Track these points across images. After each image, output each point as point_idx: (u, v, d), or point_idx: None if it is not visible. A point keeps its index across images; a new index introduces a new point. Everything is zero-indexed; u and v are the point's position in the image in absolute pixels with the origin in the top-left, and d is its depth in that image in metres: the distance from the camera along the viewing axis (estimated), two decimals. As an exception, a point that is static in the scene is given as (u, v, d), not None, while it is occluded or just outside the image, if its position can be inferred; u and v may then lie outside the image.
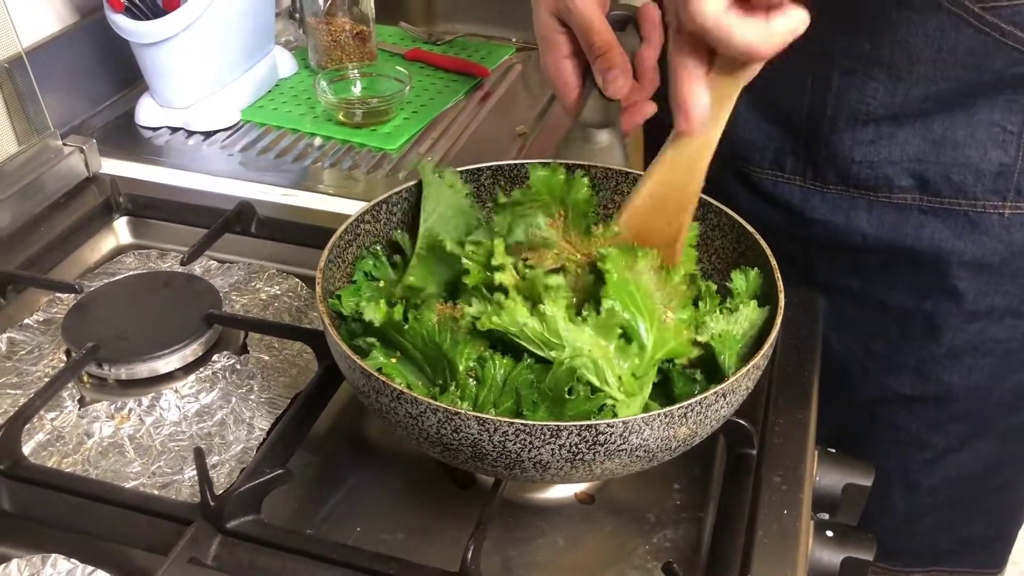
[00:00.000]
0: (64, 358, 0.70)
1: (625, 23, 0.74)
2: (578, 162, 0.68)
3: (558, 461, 0.48)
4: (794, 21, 0.49)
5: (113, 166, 0.95)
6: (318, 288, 0.56)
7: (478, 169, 0.67)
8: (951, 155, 0.74)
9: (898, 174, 0.76)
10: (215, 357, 0.70)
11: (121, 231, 0.87)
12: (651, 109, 0.70)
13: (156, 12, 0.96)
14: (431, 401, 0.48)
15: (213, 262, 0.81)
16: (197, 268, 0.80)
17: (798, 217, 0.82)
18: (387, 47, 1.20)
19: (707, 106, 0.53)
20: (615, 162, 0.69)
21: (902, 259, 0.79)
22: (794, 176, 0.81)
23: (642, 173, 0.66)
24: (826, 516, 0.68)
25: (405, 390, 0.48)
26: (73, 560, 0.54)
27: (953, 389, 0.82)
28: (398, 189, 0.65)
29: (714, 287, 0.61)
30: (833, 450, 0.69)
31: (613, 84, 0.68)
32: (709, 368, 0.56)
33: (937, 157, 0.75)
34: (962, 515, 0.91)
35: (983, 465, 0.87)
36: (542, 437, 0.47)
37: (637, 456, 0.49)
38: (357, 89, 1.07)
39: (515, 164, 0.68)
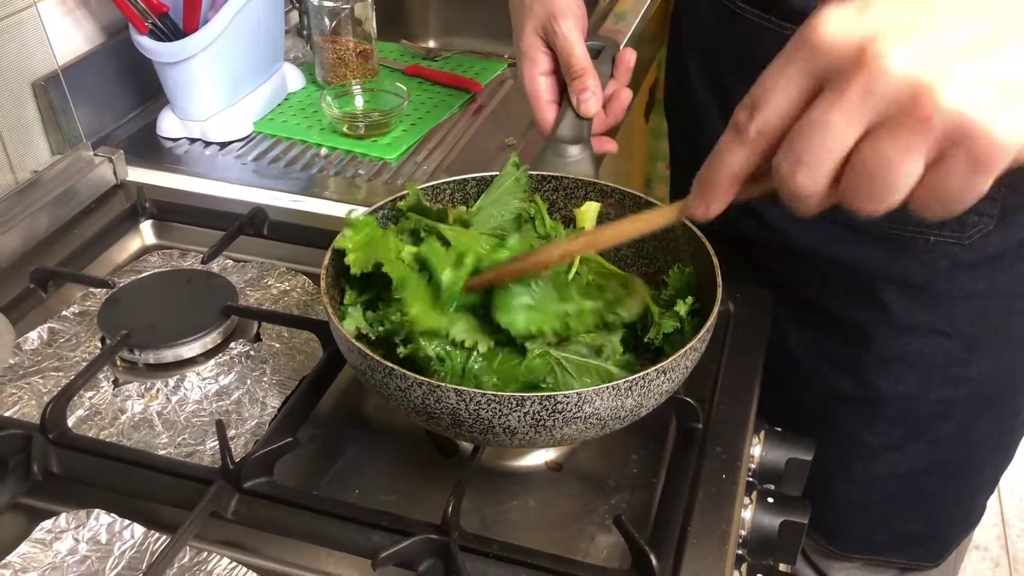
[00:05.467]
0: (99, 345, 0.78)
1: (598, 52, 0.83)
2: (552, 173, 0.77)
3: (524, 427, 0.57)
4: None
5: (138, 174, 1.02)
6: (322, 284, 0.65)
7: (464, 180, 0.76)
8: None
9: None
10: (232, 344, 0.78)
11: (146, 233, 0.94)
12: (611, 147, 0.79)
13: (177, 34, 1.04)
14: (416, 376, 0.56)
15: (229, 261, 0.89)
16: (215, 266, 0.87)
17: (761, 223, 0.89)
18: (388, 63, 1.29)
19: (722, 208, 0.50)
20: (585, 173, 0.77)
21: (841, 271, 0.85)
22: None
23: (608, 183, 0.76)
24: (772, 487, 0.76)
25: (395, 367, 0.57)
26: (112, 514, 0.62)
27: (883, 394, 0.88)
28: (392, 197, 0.73)
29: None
30: (779, 429, 0.78)
31: (586, 104, 0.77)
32: None
33: None
34: (899, 512, 0.96)
35: (916, 468, 0.92)
36: (510, 406, 0.55)
37: (591, 423, 0.58)
38: (360, 103, 1.14)
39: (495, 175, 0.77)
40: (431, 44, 1.43)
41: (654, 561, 0.57)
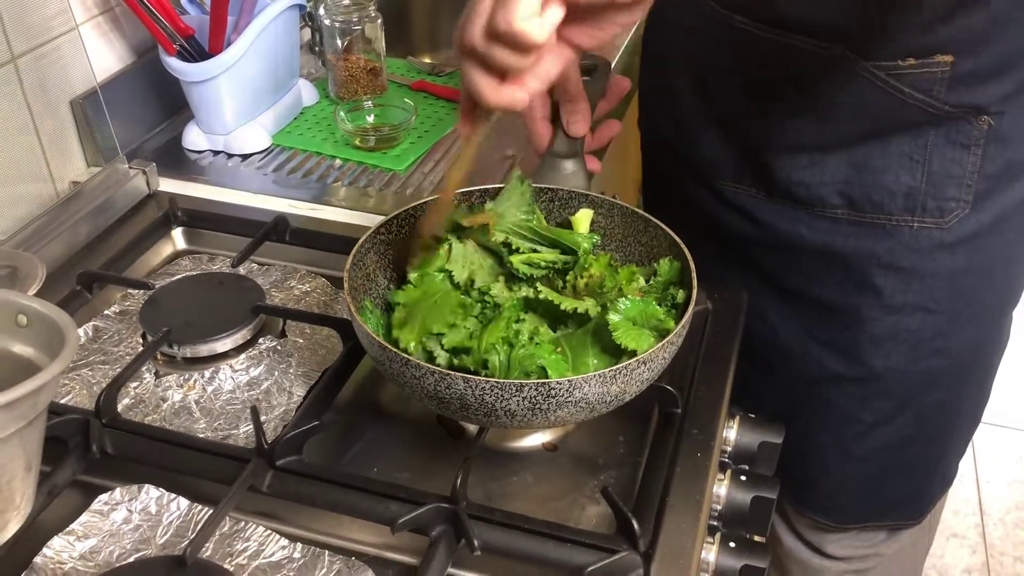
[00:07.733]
0: (139, 340, 0.86)
1: (591, 71, 0.91)
2: (549, 185, 0.86)
3: (522, 410, 0.65)
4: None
5: (167, 184, 1.10)
6: (346, 285, 0.73)
7: (470, 192, 0.85)
8: (870, 179, 0.88)
9: (829, 193, 0.90)
10: (261, 340, 0.86)
11: (178, 239, 1.02)
12: (595, 167, 0.87)
13: (203, 55, 1.12)
14: (429, 366, 0.65)
15: (255, 264, 0.96)
16: (243, 269, 0.95)
17: (754, 222, 0.96)
18: (396, 78, 1.36)
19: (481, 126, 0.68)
20: (579, 186, 0.86)
21: (834, 261, 0.93)
22: (751, 188, 0.95)
23: (598, 195, 0.84)
24: (746, 467, 0.85)
25: (411, 358, 0.66)
26: (161, 489, 0.70)
27: (875, 370, 0.96)
28: (406, 207, 0.82)
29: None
30: (753, 415, 0.86)
31: (575, 125, 0.85)
32: None
33: (859, 180, 0.88)
34: (888, 480, 1.04)
35: (904, 437, 1.01)
36: (510, 391, 0.64)
37: (580, 407, 0.66)
38: (371, 118, 1.22)
39: (499, 187, 0.85)
40: (435, 59, 1.51)
41: (636, 527, 0.66)
